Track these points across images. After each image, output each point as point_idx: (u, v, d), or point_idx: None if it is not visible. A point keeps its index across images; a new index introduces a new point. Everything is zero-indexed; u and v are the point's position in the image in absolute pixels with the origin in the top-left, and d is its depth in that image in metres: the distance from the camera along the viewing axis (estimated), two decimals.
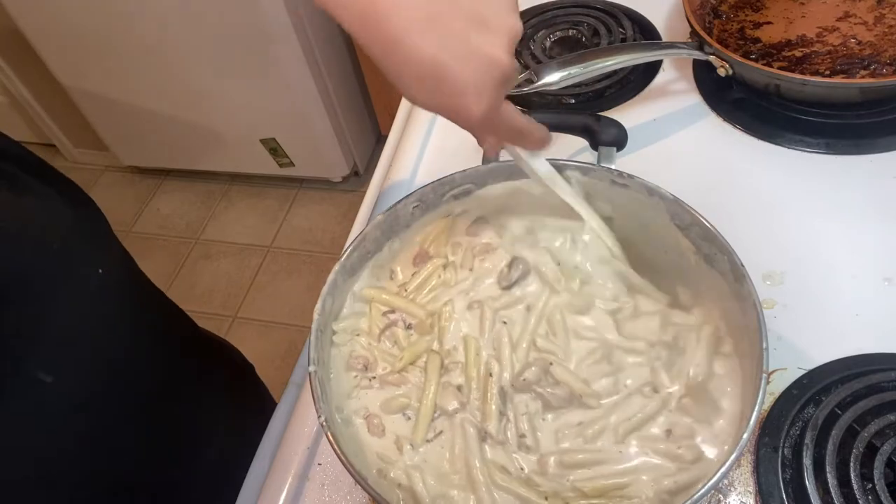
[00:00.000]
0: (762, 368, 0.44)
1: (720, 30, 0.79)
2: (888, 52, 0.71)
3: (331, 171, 2.08)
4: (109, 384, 0.56)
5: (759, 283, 0.60)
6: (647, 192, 0.54)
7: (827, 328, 0.58)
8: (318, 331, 0.50)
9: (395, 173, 0.77)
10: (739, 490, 0.51)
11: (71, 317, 0.53)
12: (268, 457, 0.61)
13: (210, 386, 0.75)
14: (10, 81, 2.08)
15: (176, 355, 0.70)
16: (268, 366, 1.78)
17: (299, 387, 0.64)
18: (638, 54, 0.71)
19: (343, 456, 0.44)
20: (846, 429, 0.49)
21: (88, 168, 2.37)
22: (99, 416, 0.55)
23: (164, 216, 2.22)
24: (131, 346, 0.60)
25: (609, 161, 0.61)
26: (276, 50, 1.69)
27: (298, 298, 1.93)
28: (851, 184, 0.67)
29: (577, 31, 0.86)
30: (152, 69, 1.81)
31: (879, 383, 0.52)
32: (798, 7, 0.78)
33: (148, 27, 1.70)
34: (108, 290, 0.58)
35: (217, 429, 0.73)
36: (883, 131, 0.69)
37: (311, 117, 1.87)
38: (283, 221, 2.13)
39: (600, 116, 0.63)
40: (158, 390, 0.63)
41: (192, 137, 2.04)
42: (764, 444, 0.52)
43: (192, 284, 2.03)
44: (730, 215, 0.54)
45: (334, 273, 0.53)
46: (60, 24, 1.74)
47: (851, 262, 0.61)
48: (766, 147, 0.71)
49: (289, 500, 0.56)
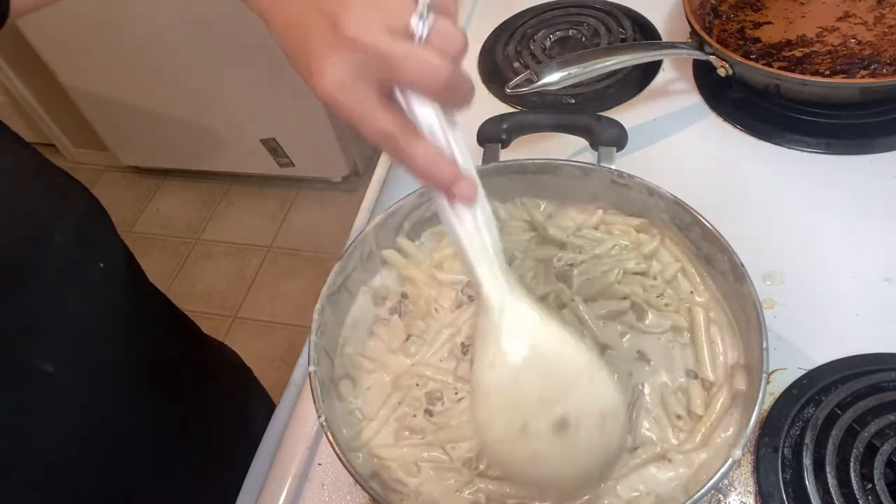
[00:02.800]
0: (762, 368, 0.44)
1: (720, 30, 0.79)
2: (888, 52, 0.71)
3: (331, 171, 2.08)
4: (110, 379, 0.56)
5: (759, 283, 0.60)
6: (647, 191, 0.54)
7: (827, 328, 0.58)
8: (318, 331, 0.50)
9: (395, 173, 0.77)
10: (739, 490, 0.51)
11: (71, 308, 0.53)
12: (268, 457, 0.61)
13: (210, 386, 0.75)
14: (10, 81, 2.08)
15: (177, 354, 0.70)
16: (268, 366, 1.79)
17: (299, 387, 0.64)
18: (638, 54, 0.71)
19: (343, 456, 0.44)
20: (846, 429, 0.49)
21: (88, 168, 2.37)
22: (100, 413, 0.56)
23: (164, 216, 2.22)
24: (132, 342, 0.60)
25: (609, 161, 0.61)
26: (276, 50, 1.67)
27: (298, 298, 1.93)
28: (851, 184, 0.67)
29: (577, 31, 0.86)
30: (153, 69, 1.81)
31: (879, 383, 0.52)
32: (798, 7, 0.78)
33: (148, 27, 1.70)
34: (108, 284, 0.58)
35: (217, 429, 0.73)
36: (883, 131, 0.69)
37: (311, 117, 1.87)
38: (283, 221, 2.13)
39: (600, 116, 0.63)
40: (159, 389, 0.63)
41: (192, 137, 2.04)
42: (764, 444, 0.52)
43: (192, 284, 2.03)
44: (730, 215, 0.54)
45: (335, 273, 0.53)
46: (60, 24, 1.74)
47: (851, 262, 0.61)
48: (766, 147, 0.71)
49: (289, 500, 0.56)
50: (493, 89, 0.83)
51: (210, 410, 0.73)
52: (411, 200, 0.57)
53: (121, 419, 0.58)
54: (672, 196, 0.53)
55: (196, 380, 0.72)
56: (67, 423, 0.53)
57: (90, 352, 0.54)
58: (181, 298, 0.76)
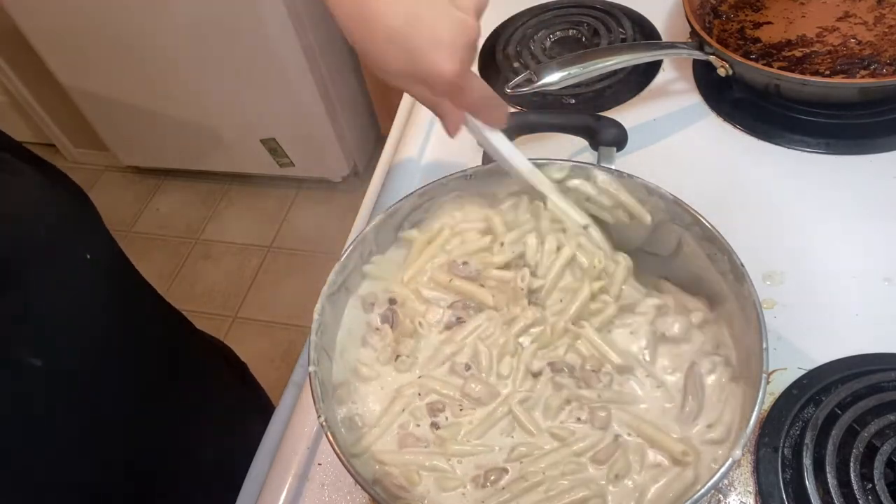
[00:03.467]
0: (762, 368, 0.44)
1: (720, 30, 0.79)
2: (888, 52, 0.71)
3: (331, 171, 2.08)
4: (101, 376, 0.56)
5: (759, 283, 0.60)
6: (647, 191, 0.54)
7: (827, 328, 0.58)
8: (318, 331, 0.50)
9: (395, 173, 0.77)
10: (739, 490, 0.51)
11: (58, 301, 0.52)
12: (268, 457, 0.61)
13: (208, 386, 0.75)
14: (10, 81, 2.08)
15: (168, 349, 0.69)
16: (268, 366, 1.79)
17: (299, 387, 0.64)
18: (638, 54, 0.71)
19: (343, 456, 0.44)
20: (846, 429, 0.49)
21: (88, 168, 2.37)
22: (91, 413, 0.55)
23: (164, 216, 2.22)
24: (121, 335, 0.59)
25: (609, 161, 0.61)
26: (276, 50, 1.69)
27: (298, 298, 1.93)
28: (851, 184, 0.67)
29: (577, 31, 0.86)
30: (153, 69, 1.81)
31: (879, 383, 0.52)
32: (798, 7, 0.78)
33: (148, 27, 1.70)
34: (95, 275, 0.57)
35: (216, 428, 0.73)
36: (883, 131, 0.69)
37: (311, 117, 1.87)
38: (283, 221, 2.13)
39: (600, 116, 0.63)
40: (154, 387, 0.63)
41: (192, 137, 2.04)
42: (764, 444, 0.52)
43: (192, 284, 2.03)
44: (730, 215, 0.54)
45: (335, 273, 0.53)
46: (60, 24, 1.74)
47: (851, 262, 0.61)
48: (766, 147, 0.71)
49: (289, 500, 0.56)
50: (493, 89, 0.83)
51: (204, 407, 0.72)
52: (411, 200, 0.57)
53: (111, 415, 0.57)
54: (672, 196, 0.53)
55: (189, 376, 0.71)
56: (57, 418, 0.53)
57: (78, 345, 0.54)
58: (181, 298, 0.76)
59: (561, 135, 0.66)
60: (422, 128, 0.80)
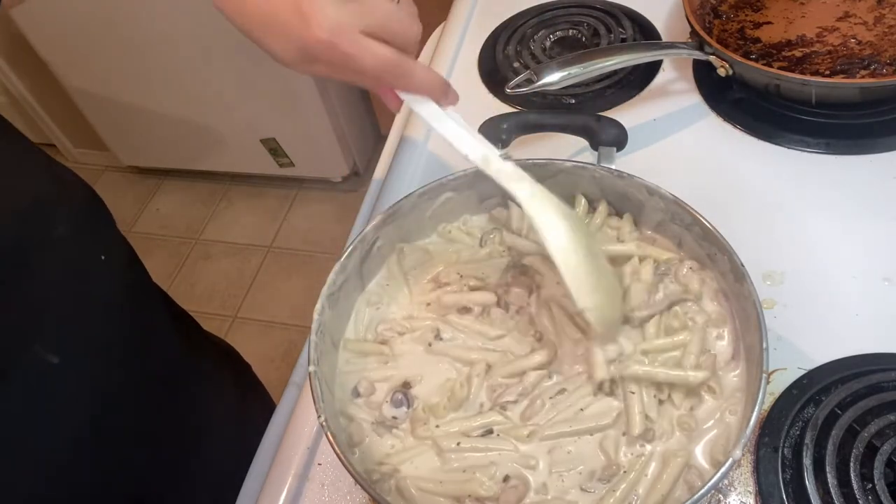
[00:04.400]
0: (762, 368, 0.44)
1: (720, 30, 0.79)
2: (888, 52, 0.71)
3: (331, 171, 2.08)
4: (113, 373, 0.57)
5: (759, 283, 0.60)
6: (646, 191, 0.54)
7: (827, 328, 0.58)
8: (318, 331, 0.50)
9: (395, 173, 0.77)
10: (739, 490, 0.51)
11: (74, 300, 0.53)
12: (268, 457, 0.61)
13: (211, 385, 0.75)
14: (10, 81, 2.08)
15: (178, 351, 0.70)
16: (268, 366, 1.79)
17: (299, 387, 0.64)
18: (638, 54, 0.71)
19: (343, 456, 0.44)
20: (846, 429, 0.49)
21: (88, 168, 2.37)
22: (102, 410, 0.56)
23: (164, 216, 2.22)
24: (134, 335, 0.60)
25: (609, 161, 0.61)
26: None
27: (298, 298, 1.93)
28: (851, 184, 0.67)
29: (577, 31, 0.86)
30: (152, 69, 1.81)
31: (879, 383, 0.52)
32: (798, 7, 0.78)
33: (148, 27, 1.70)
34: (110, 276, 0.58)
35: (218, 428, 0.73)
36: (883, 131, 0.69)
37: (311, 117, 1.87)
38: (283, 221, 2.13)
39: (600, 116, 0.63)
40: (161, 385, 0.64)
41: (192, 137, 2.04)
42: (764, 444, 0.52)
43: (192, 284, 2.03)
44: (730, 215, 0.54)
45: (334, 273, 0.53)
46: (60, 25, 1.74)
47: (851, 262, 0.61)
48: (766, 147, 0.71)
49: (289, 500, 0.56)
50: (493, 89, 0.83)
51: (210, 407, 0.73)
52: (411, 200, 0.57)
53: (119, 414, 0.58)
54: (672, 196, 0.53)
55: (197, 377, 0.72)
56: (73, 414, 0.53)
57: (94, 343, 0.55)
58: (181, 298, 0.76)
59: (561, 135, 0.66)
60: (422, 128, 0.80)
